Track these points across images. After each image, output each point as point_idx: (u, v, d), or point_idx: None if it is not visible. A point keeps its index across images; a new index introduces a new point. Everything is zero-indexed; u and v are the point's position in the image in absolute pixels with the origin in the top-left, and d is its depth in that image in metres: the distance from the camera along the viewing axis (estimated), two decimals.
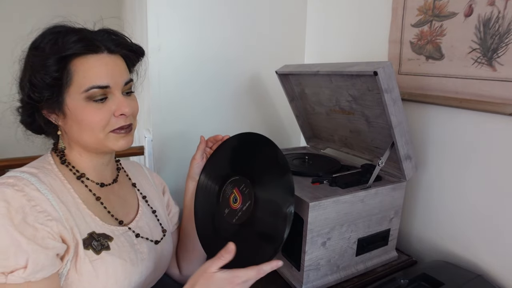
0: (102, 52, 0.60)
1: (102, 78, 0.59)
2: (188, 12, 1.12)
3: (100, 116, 0.60)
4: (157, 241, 0.71)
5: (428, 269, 0.78)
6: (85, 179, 0.65)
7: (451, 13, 0.82)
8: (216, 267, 0.55)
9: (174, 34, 1.11)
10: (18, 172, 0.58)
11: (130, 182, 0.77)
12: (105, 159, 0.68)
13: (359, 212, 0.78)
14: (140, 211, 0.73)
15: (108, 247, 0.60)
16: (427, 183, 0.94)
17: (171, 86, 1.14)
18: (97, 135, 0.61)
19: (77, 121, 0.60)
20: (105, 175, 0.70)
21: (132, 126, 0.65)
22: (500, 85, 0.74)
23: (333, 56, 1.24)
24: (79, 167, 0.65)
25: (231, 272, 0.55)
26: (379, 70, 0.69)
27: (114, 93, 0.61)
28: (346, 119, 0.96)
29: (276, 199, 0.65)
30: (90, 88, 0.58)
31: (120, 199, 0.71)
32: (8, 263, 0.50)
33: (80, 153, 0.65)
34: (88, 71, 0.58)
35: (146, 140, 1.18)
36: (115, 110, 0.61)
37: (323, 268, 0.78)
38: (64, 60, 0.58)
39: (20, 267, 0.50)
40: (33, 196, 0.55)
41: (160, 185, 0.87)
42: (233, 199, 0.69)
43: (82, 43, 0.58)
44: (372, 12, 1.06)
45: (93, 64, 0.59)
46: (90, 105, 0.59)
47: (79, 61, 0.58)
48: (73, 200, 0.61)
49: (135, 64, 0.70)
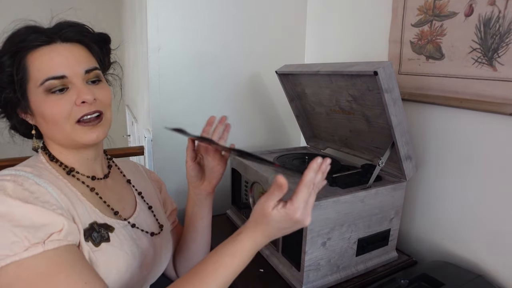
0: (54, 42, 0.59)
1: (56, 68, 0.57)
2: (188, 12, 1.12)
3: (60, 107, 0.58)
4: (153, 233, 0.71)
5: (428, 270, 0.78)
6: (75, 173, 0.64)
7: (451, 12, 0.82)
8: (271, 203, 0.53)
9: (174, 34, 1.11)
10: (13, 170, 0.57)
11: (125, 178, 0.77)
12: (88, 155, 0.66)
13: (359, 212, 0.78)
14: (138, 207, 0.72)
15: (108, 238, 0.60)
16: (427, 183, 0.94)
17: (170, 86, 1.14)
18: (63, 128, 0.59)
19: (42, 116, 0.59)
20: (95, 170, 0.68)
21: (102, 117, 0.62)
22: (500, 85, 0.74)
23: (333, 56, 1.24)
24: (66, 163, 0.64)
25: (286, 208, 0.52)
26: (379, 70, 0.69)
27: (74, 82, 0.59)
28: (346, 119, 0.96)
29: None
30: (45, 80, 0.57)
31: (115, 194, 0.70)
32: (45, 230, 0.50)
33: (60, 150, 0.64)
34: (41, 63, 0.57)
35: (146, 140, 1.18)
36: (76, 99, 0.58)
37: (323, 268, 0.78)
38: (18, 56, 0.57)
39: (56, 231, 0.51)
40: (34, 189, 0.54)
41: (157, 182, 0.86)
42: None
43: (32, 36, 0.58)
44: (372, 12, 1.06)
45: (45, 55, 0.58)
46: (49, 97, 0.58)
47: (32, 56, 0.58)
48: (72, 192, 0.60)
49: (100, 53, 0.67)
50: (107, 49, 0.70)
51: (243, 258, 0.54)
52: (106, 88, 0.65)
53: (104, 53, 0.69)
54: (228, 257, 0.53)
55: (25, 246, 0.49)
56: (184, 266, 0.82)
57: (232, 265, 0.53)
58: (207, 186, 0.75)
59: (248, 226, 0.55)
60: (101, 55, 0.67)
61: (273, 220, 0.53)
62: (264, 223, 0.54)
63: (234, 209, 1.11)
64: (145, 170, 0.86)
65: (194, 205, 0.77)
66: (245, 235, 0.55)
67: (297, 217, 0.52)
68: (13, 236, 0.48)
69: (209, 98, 1.22)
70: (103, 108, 0.62)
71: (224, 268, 0.53)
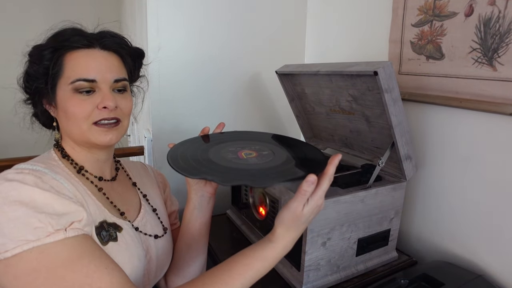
0: (94, 48, 0.63)
1: (89, 72, 0.61)
2: (188, 12, 1.12)
3: (83, 107, 0.60)
4: (157, 236, 0.71)
5: (428, 269, 0.78)
6: (84, 172, 0.66)
7: (451, 12, 0.82)
8: (302, 205, 0.55)
9: (174, 34, 1.11)
10: (28, 165, 0.58)
11: (131, 181, 0.77)
12: (100, 156, 0.68)
13: (359, 212, 0.78)
14: (143, 210, 0.73)
15: (116, 238, 0.60)
16: (427, 183, 0.94)
17: (171, 86, 1.14)
18: (81, 126, 0.61)
19: (64, 111, 0.62)
20: (103, 171, 0.70)
21: (119, 124, 0.65)
22: (500, 85, 0.74)
23: (333, 56, 1.24)
24: (77, 160, 0.66)
25: (311, 200, 0.56)
26: (379, 70, 0.69)
27: (101, 87, 0.62)
28: (346, 119, 0.96)
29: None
30: (76, 80, 0.60)
31: (120, 196, 0.71)
32: (67, 218, 0.52)
33: (73, 146, 0.66)
34: (77, 64, 0.61)
35: (146, 140, 1.18)
36: (99, 103, 0.61)
37: (323, 268, 0.78)
38: (58, 52, 0.61)
39: (77, 220, 0.53)
40: (53, 184, 0.55)
41: (162, 183, 0.86)
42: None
43: (76, 37, 0.61)
44: (372, 12, 1.06)
45: (83, 58, 0.61)
46: (76, 96, 0.61)
47: (71, 55, 0.61)
48: (84, 190, 0.62)
49: (132, 65, 0.70)
50: (139, 63, 0.73)
51: (274, 263, 0.57)
52: (129, 98, 0.68)
53: (135, 67, 0.72)
54: (259, 262, 0.56)
55: (48, 232, 0.50)
56: (173, 275, 0.78)
57: (261, 269, 0.56)
58: (209, 186, 0.74)
59: (279, 233, 0.57)
60: (132, 68, 0.70)
61: (304, 216, 0.56)
62: (297, 225, 0.57)
63: (234, 209, 1.11)
64: (153, 171, 0.86)
65: (194, 209, 0.75)
66: (278, 243, 0.57)
67: (321, 203, 0.57)
68: (37, 222, 0.49)
69: (209, 98, 1.22)
70: (121, 116, 0.65)
71: (253, 271, 0.55)
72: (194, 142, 0.76)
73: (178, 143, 0.73)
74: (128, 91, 0.68)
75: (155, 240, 0.71)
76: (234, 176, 0.61)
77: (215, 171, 0.61)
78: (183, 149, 0.70)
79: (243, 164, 0.65)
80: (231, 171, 0.62)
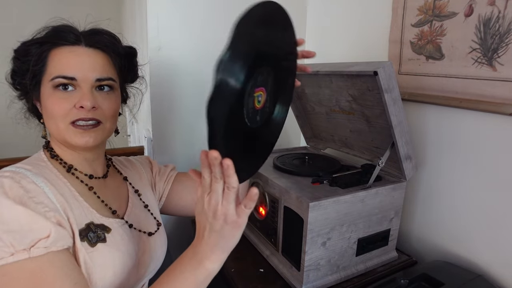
0: (78, 45, 0.62)
1: (70, 69, 0.60)
2: (188, 12, 1.12)
3: (61, 105, 0.60)
4: (151, 233, 0.71)
5: (428, 269, 0.78)
6: (74, 171, 0.65)
7: (451, 13, 0.82)
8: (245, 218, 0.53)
9: (174, 34, 1.11)
10: (13, 167, 0.58)
11: (122, 176, 0.77)
12: (86, 156, 0.67)
13: (359, 212, 0.78)
14: (130, 203, 0.72)
15: (105, 239, 0.60)
16: (427, 183, 0.94)
17: (171, 86, 1.14)
18: (58, 124, 0.61)
19: (45, 108, 0.62)
20: (94, 169, 0.69)
21: (99, 125, 0.62)
22: (500, 85, 0.74)
23: (333, 56, 1.24)
24: (66, 159, 0.65)
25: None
26: (379, 70, 0.69)
27: (81, 86, 0.60)
28: (346, 119, 0.96)
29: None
30: (55, 77, 0.59)
31: (113, 192, 0.70)
32: (32, 236, 0.50)
33: (59, 146, 0.65)
34: (59, 61, 0.60)
35: (145, 140, 1.18)
36: (76, 102, 0.60)
37: (323, 268, 0.78)
38: (42, 48, 0.61)
39: (43, 237, 0.51)
40: (30, 188, 0.55)
41: (147, 165, 0.85)
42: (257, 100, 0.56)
43: (61, 33, 0.61)
44: (372, 12, 1.06)
45: (65, 54, 0.61)
46: (55, 94, 0.60)
47: (54, 52, 0.61)
48: (70, 192, 0.61)
49: (123, 66, 0.68)
50: (131, 63, 0.71)
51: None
52: (113, 100, 0.65)
53: (127, 66, 0.70)
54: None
55: (10, 252, 0.49)
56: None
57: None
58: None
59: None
60: (123, 67, 0.68)
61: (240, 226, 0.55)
62: (229, 233, 0.54)
63: None
64: (137, 160, 0.85)
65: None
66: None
67: (227, 213, 0.51)
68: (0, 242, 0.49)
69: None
70: (102, 118, 0.63)
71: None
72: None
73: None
74: (116, 92, 0.66)
75: (148, 237, 0.70)
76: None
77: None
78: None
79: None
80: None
